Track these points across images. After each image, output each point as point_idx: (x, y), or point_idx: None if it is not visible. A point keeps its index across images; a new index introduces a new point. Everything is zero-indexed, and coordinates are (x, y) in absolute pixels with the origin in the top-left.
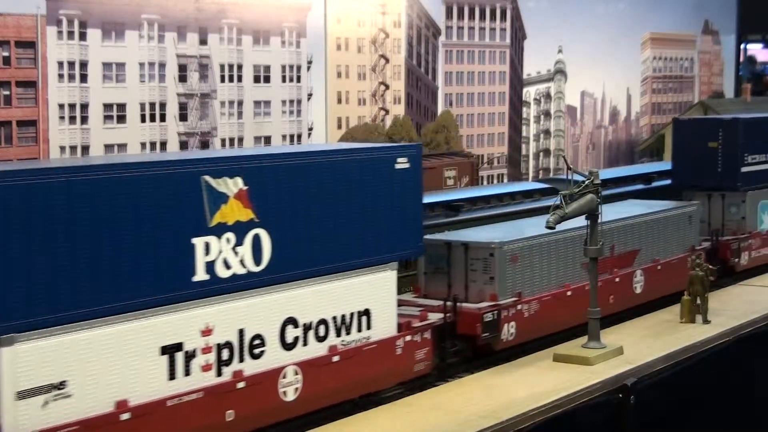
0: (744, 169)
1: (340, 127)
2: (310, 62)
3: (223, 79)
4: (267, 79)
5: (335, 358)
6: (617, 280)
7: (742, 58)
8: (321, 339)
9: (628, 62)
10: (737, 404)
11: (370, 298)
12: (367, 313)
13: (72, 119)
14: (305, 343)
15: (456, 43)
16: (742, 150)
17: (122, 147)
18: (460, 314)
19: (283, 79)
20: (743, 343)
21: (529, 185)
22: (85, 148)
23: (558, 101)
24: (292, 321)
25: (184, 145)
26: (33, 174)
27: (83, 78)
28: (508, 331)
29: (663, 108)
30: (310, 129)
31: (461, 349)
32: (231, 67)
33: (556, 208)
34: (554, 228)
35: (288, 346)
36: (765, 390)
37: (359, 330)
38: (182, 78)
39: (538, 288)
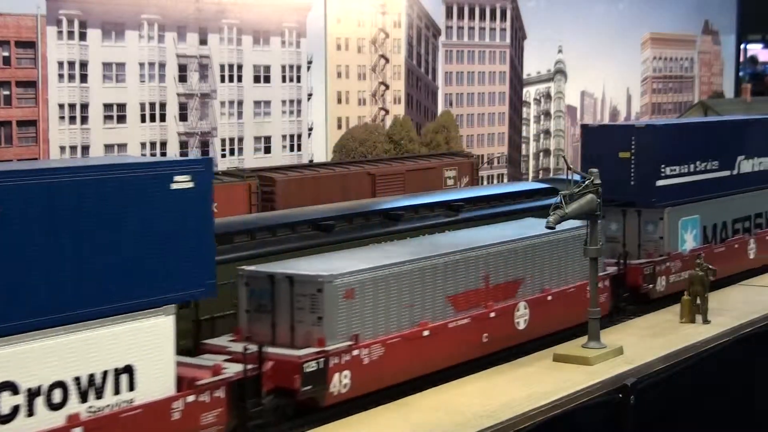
0: (661, 183)
1: (340, 127)
2: (310, 62)
3: (223, 79)
4: (267, 79)
5: (76, 430)
6: (492, 315)
7: (742, 58)
8: (56, 407)
9: (628, 62)
10: (737, 404)
11: (132, 350)
12: (128, 369)
13: (72, 119)
14: (30, 413)
15: (456, 43)
16: (658, 161)
17: (122, 147)
18: (270, 363)
19: (283, 79)
20: (743, 343)
21: (525, 185)
22: (85, 148)
23: (558, 101)
24: (9, 386)
25: (184, 145)
26: None
27: (83, 78)
28: (341, 382)
29: (663, 108)
30: (310, 129)
31: (272, 406)
32: (231, 67)
33: (556, 208)
34: (554, 228)
35: (4, 419)
36: (765, 390)
37: (116, 392)
38: (182, 78)
39: (384, 329)
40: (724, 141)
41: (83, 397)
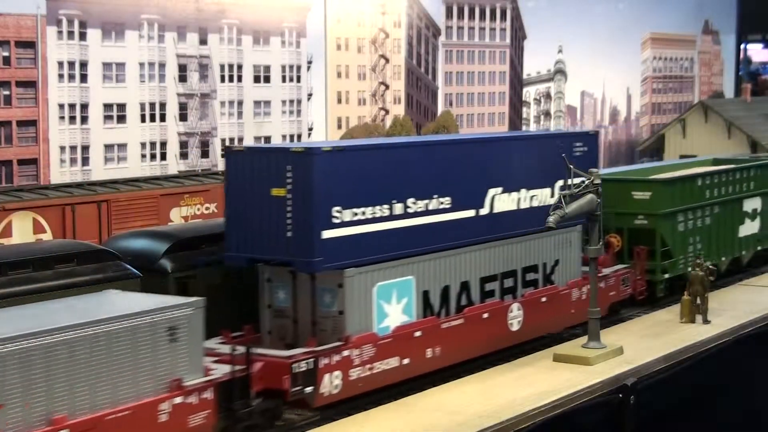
0: (330, 233)
1: (340, 127)
2: (310, 62)
3: (223, 79)
4: (267, 79)
5: None
6: None
7: (742, 58)
8: None
9: (628, 62)
10: (737, 404)
11: None
12: None
13: (72, 119)
14: None
15: (456, 43)
16: (327, 200)
17: (122, 147)
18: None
19: (283, 79)
20: (743, 343)
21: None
22: (85, 148)
23: (558, 101)
24: None
25: (184, 145)
26: None
27: (83, 78)
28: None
29: (663, 108)
30: (310, 129)
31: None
32: (231, 67)
33: (556, 208)
34: (554, 228)
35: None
36: (765, 390)
37: None
38: (182, 78)
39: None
40: (461, 169)
41: None
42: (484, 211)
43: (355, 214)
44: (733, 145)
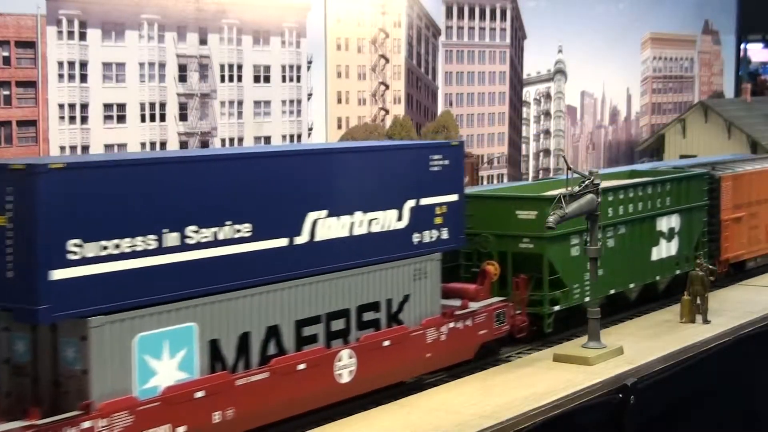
0: (64, 273)
1: (340, 127)
2: (310, 62)
3: (223, 79)
4: (267, 79)
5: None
6: None
7: (741, 58)
8: None
9: (628, 62)
10: (737, 404)
11: None
12: None
13: (72, 119)
14: None
15: (456, 43)
16: (58, 231)
17: (122, 147)
18: None
19: (283, 79)
20: (743, 343)
21: None
22: (85, 148)
23: (558, 101)
24: None
25: (184, 145)
26: None
27: (83, 78)
28: None
29: (663, 108)
30: (310, 129)
31: None
32: (231, 67)
33: (556, 208)
34: (554, 228)
35: None
36: (765, 390)
37: None
38: (182, 78)
39: None
40: (268, 189)
41: None
42: (301, 240)
43: (105, 247)
44: (733, 145)
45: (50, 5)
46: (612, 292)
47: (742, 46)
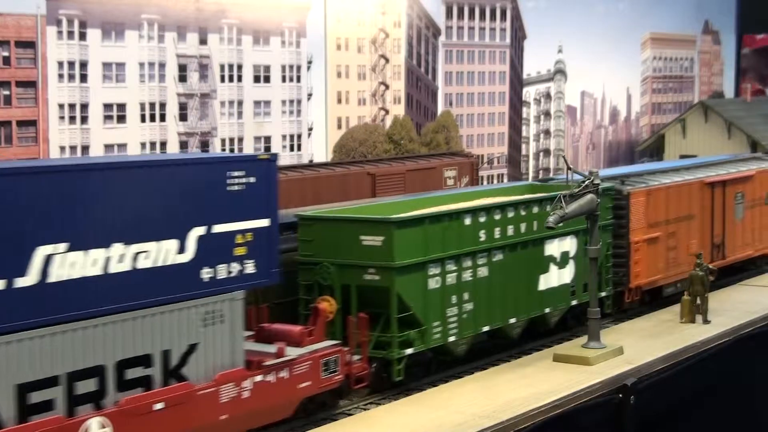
0: None
1: (340, 127)
2: (310, 62)
3: (223, 79)
4: (267, 79)
5: None
6: None
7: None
8: None
9: (628, 62)
10: (737, 404)
11: None
12: None
13: (72, 119)
14: None
15: (456, 43)
16: None
17: (122, 147)
18: None
19: (283, 79)
20: (743, 343)
21: None
22: (85, 148)
23: (558, 101)
24: None
25: (184, 145)
26: None
27: (83, 78)
28: None
29: (663, 108)
30: (310, 129)
31: None
32: (231, 67)
33: (556, 208)
34: (554, 228)
35: None
36: (765, 390)
37: None
38: (182, 78)
39: None
40: None
41: None
42: (25, 282)
43: None
44: (733, 145)
45: (50, 5)
46: (486, 329)
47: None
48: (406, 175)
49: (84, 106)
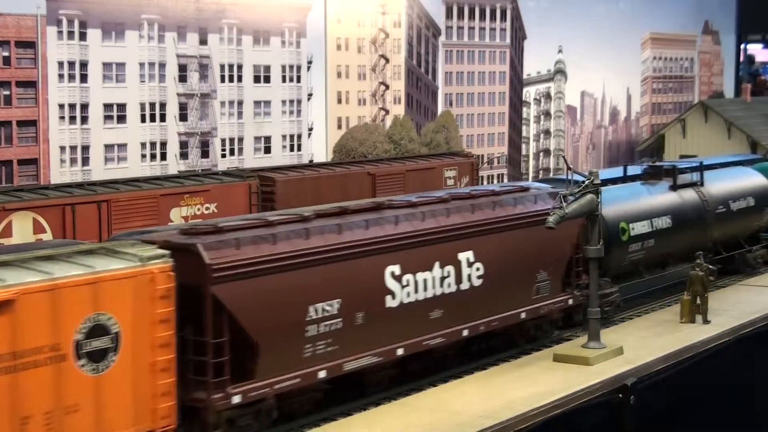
0: None
1: (340, 127)
2: (310, 62)
3: (223, 79)
4: (267, 79)
5: None
6: None
7: (742, 58)
8: None
9: (628, 62)
10: (737, 404)
11: None
12: None
13: (72, 119)
14: None
15: (456, 43)
16: None
17: (122, 147)
18: None
19: (283, 79)
20: (743, 343)
21: None
22: (85, 148)
23: (558, 101)
24: None
25: (184, 145)
26: None
27: (83, 78)
28: None
29: (663, 108)
30: (310, 129)
31: None
32: (231, 67)
33: (556, 208)
34: (554, 228)
35: None
36: (765, 390)
37: None
38: (182, 78)
39: None
40: None
41: None
42: None
43: None
44: (733, 145)
45: (50, 5)
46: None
47: (742, 46)
48: (406, 175)
49: (84, 106)
